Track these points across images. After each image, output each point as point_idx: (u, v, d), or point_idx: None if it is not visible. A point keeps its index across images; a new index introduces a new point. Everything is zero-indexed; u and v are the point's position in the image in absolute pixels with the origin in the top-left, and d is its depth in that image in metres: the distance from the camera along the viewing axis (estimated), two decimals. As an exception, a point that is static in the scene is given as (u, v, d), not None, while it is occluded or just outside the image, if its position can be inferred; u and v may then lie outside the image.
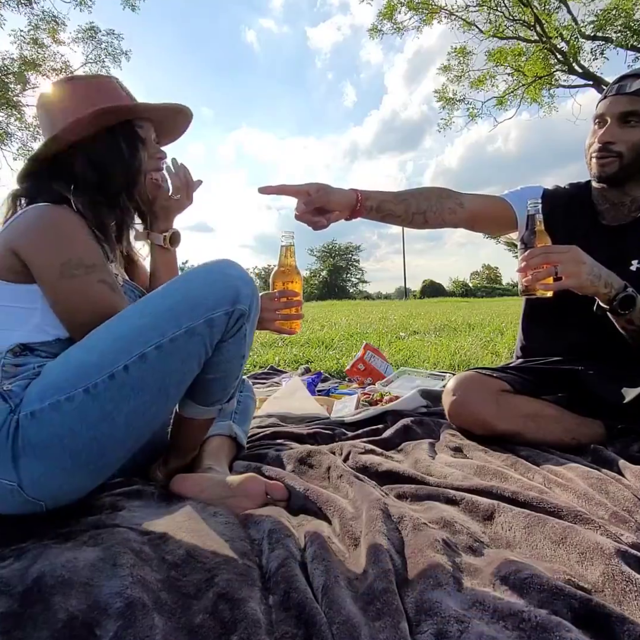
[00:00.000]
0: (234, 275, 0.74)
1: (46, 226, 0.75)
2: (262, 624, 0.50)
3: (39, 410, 0.65)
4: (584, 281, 0.94)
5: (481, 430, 1.09)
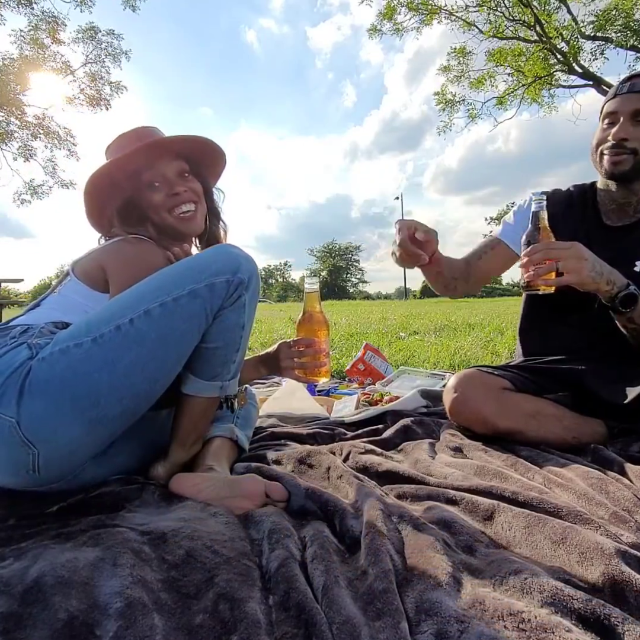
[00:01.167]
0: (237, 252, 0.82)
1: (129, 256, 0.92)
2: (262, 624, 0.50)
3: (49, 354, 0.72)
4: (585, 277, 0.93)
5: (482, 428, 1.09)
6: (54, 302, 0.92)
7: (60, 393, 0.70)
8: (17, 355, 0.73)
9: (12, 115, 13.65)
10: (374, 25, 12.11)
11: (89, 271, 0.92)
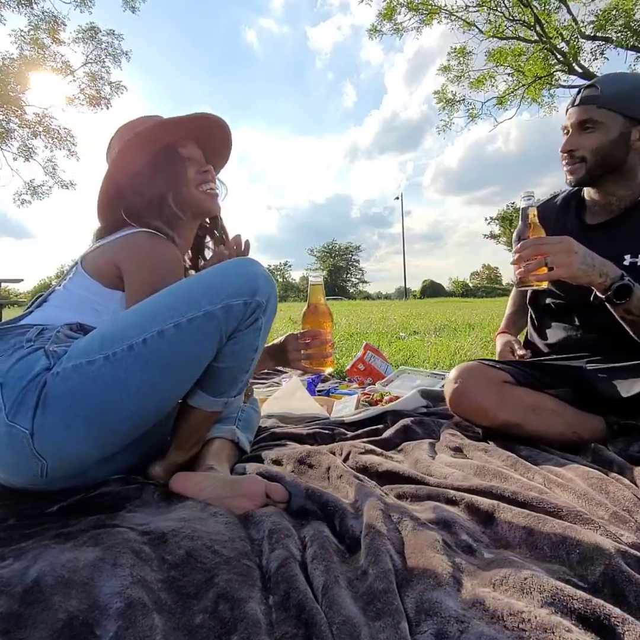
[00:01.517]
0: (256, 271, 0.79)
1: (147, 253, 0.88)
2: (262, 624, 0.50)
3: (62, 369, 0.71)
4: (576, 271, 0.94)
5: (482, 419, 1.09)
6: (60, 298, 0.90)
7: (71, 410, 0.70)
8: (35, 363, 0.72)
9: (13, 114, 13.65)
10: (374, 26, 12.12)
11: (100, 267, 0.89)
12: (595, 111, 1.07)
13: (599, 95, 1.07)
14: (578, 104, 1.10)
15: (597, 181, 1.13)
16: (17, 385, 0.70)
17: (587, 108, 1.08)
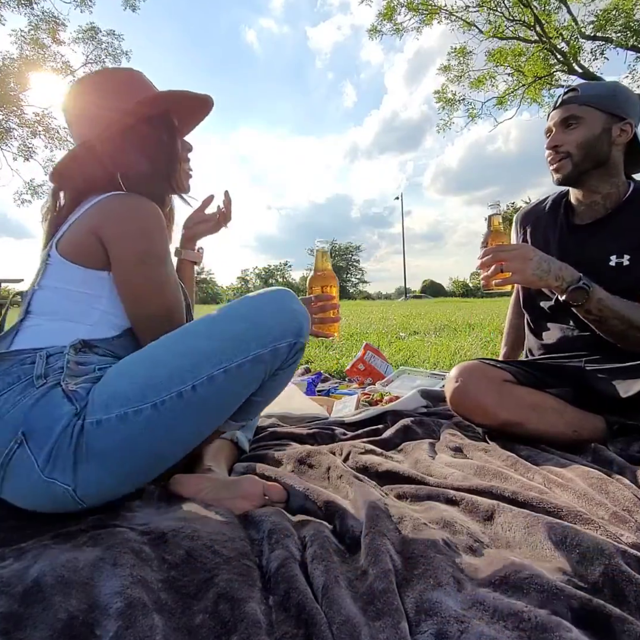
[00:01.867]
0: (298, 310, 0.79)
1: (131, 215, 0.78)
2: (262, 624, 0.50)
3: (105, 419, 0.67)
4: (529, 277, 1.00)
5: (482, 418, 1.09)
6: (45, 304, 0.78)
7: (120, 461, 0.69)
8: (58, 409, 0.67)
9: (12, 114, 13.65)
10: (374, 26, 12.11)
11: (78, 242, 0.78)
12: (577, 108, 1.11)
13: (580, 95, 1.12)
14: (559, 105, 1.15)
15: (583, 177, 1.14)
16: (46, 437, 0.65)
17: (568, 107, 1.13)
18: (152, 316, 0.79)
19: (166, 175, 0.88)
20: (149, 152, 0.85)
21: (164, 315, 0.80)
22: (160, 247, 0.79)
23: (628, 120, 1.10)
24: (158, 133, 0.86)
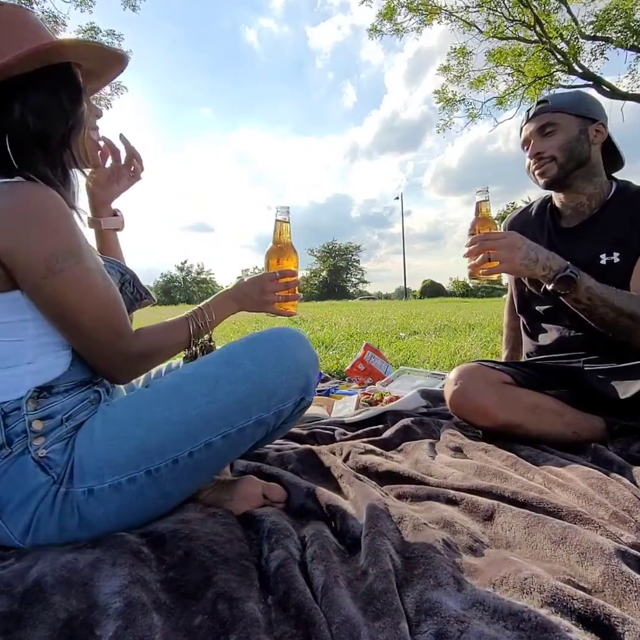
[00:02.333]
0: (305, 361, 0.74)
1: (23, 213, 0.60)
2: (261, 623, 0.50)
3: (98, 489, 0.63)
4: (517, 266, 0.99)
5: (482, 420, 1.09)
6: None
7: (115, 526, 0.66)
8: (31, 480, 0.61)
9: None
10: (374, 26, 12.11)
11: None
12: (550, 116, 1.15)
13: (550, 105, 1.16)
14: (532, 117, 1.18)
15: (568, 179, 1.16)
16: (22, 511, 0.61)
17: (541, 117, 1.16)
18: (91, 326, 0.65)
19: (64, 145, 0.70)
20: (43, 115, 0.67)
21: (103, 320, 0.66)
22: (71, 242, 0.63)
23: (600, 122, 1.14)
24: (55, 92, 0.68)
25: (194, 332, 0.79)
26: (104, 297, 0.67)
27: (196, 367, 0.72)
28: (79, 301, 0.64)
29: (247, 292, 0.90)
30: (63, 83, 0.70)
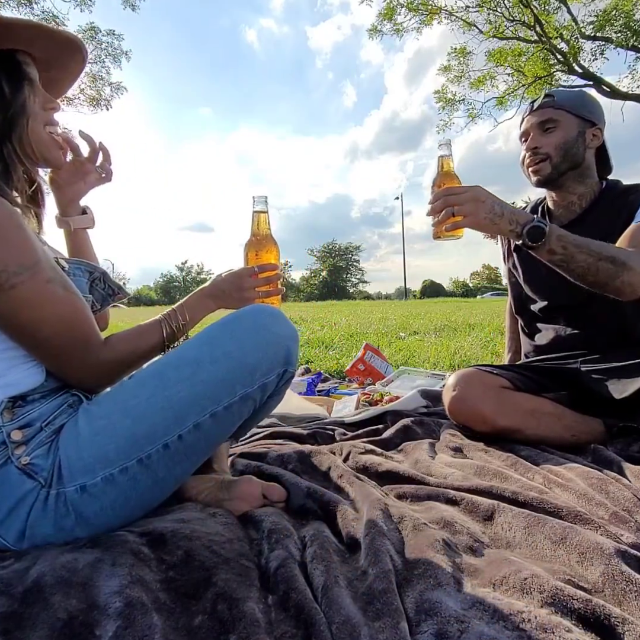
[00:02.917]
0: (284, 334, 0.74)
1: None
2: (261, 623, 0.50)
3: (91, 484, 0.63)
4: (482, 220, 0.95)
5: (481, 425, 1.09)
6: None
7: (112, 518, 0.66)
8: (17, 489, 0.60)
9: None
10: (374, 26, 12.10)
11: None
12: (553, 112, 1.16)
13: (555, 100, 1.16)
14: (536, 109, 1.18)
15: (561, 179, 1.18)
16: (13, 519, 0.61)
17: (544, 111, 1.17)
18: (53, 343, 0.63)
19: (4, 139, 0.66)
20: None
21: (66, 334, 0.64)
22: (24, 255, 0.59)
23: (598, 126, 1.16)
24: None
25: (167, 336, 0.78)
26: (65, 308, 0.64)
27: (176, 352, 0.72)
28: (37, 316, 0.61)
29: (225, 289, 0.87)
30: (2, 71, 0.66)
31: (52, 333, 0.63)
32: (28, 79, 0.69)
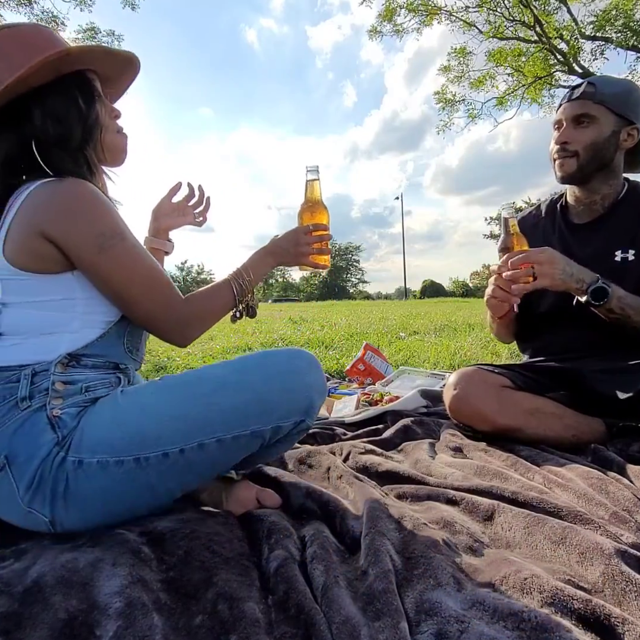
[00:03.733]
0: (311, 383, 0.75)
1: (74, 203, 0.69)
2: (261, 623, 0.50)
3: (87, 463, 0.65)
4: (557, 280, 1.01)
5: (482, 424, 1.09)
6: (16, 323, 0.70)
7: (98, 507, 0.67)
8: (40, 436, 0.64)
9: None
10: (374, 27, 12.10)
11: (29, 249, 0.68)
12: (591, 106, 1.11)
13: (596, 92, 1.11)
14: (575, 98, 1.13)
15: (585, 178, 1.16)
16: (27, 466, 0.63)
17: (584, 102, 1.11)
18: (142, 300, 0.72)
19: (84, 145, 0.76)
20: (61, 119, 0.73)
21: (152, 292, 0.73)
22: (113, 223, 0.70)
23: (636, 125, 1.11)
24: (71, 97, 0.74)
25: (237, 293, 0.83)
26: (151, 270, 0.73)
27: (208, 368, 0.75)
28: (129, 275, 0.71)
29: (283, 245, 0.92)
30: (77, 89, 0.75)
31: (141, 291, 0.72)
32: (97, 94, 0.78)
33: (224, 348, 3.45)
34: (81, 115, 0.75)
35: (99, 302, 0.73)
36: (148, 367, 2.69)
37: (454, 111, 12.89)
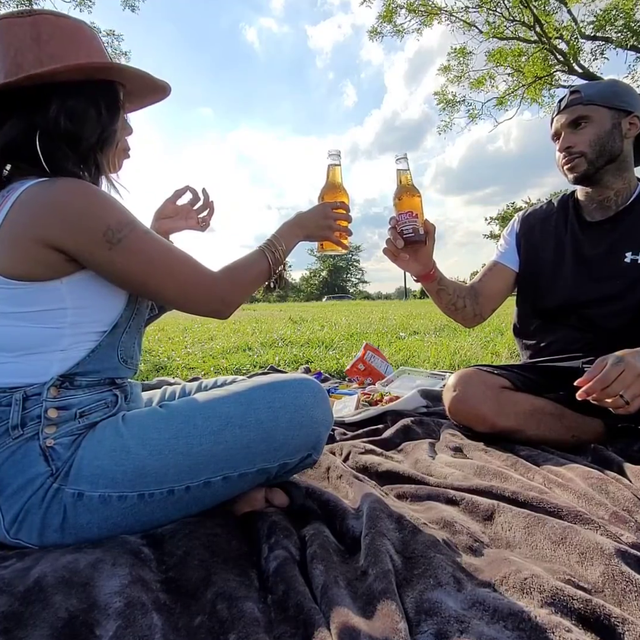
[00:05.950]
0: (320, 420, 0.74)
1: (73, 205, 0.64)
2: (261, 623, 0.50)
3: (87, 496, 0.63)
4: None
5: (481, 426, 1.09)
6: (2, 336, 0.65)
7: (96, 536, 0.65)
8: (32, 468, 0.62)
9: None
10: (374, 27, 12.10)
11: (22, 256, 0.63)
12: (582, 109, 1.11)
13: (583, 96, 1.12)
14: (564, 108, 1.15)
15: (598, 174, 1.14)
16: (17, 497, 0.61)
17: (574, 108, 1.12)
18: (171, 285, 0.70)
19: (96, 151, 0.73)
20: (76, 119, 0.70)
21: (179, 275, 0.71)
22: (118, 214, 0.67)
23: (635, 114, 1.11)
24: (95, 102, 0.72)
25: (272, 261, 0.83)
26: (168, 253, 0.71)
27: (212, 401, 0.72)
28: (148, 261, 0.68)
29: (311, 217, 0.93)
30: (104, 96, 0.74)
31: (162, 276, 0.70)
32: (122, 107, 0.77)
33: (224, 348, 3.45)
34: (100, 121, 0.73)
35: (91, 311, 0.69)
36: (148, 367, 2.69)
37: (455, 111, 12.89)
